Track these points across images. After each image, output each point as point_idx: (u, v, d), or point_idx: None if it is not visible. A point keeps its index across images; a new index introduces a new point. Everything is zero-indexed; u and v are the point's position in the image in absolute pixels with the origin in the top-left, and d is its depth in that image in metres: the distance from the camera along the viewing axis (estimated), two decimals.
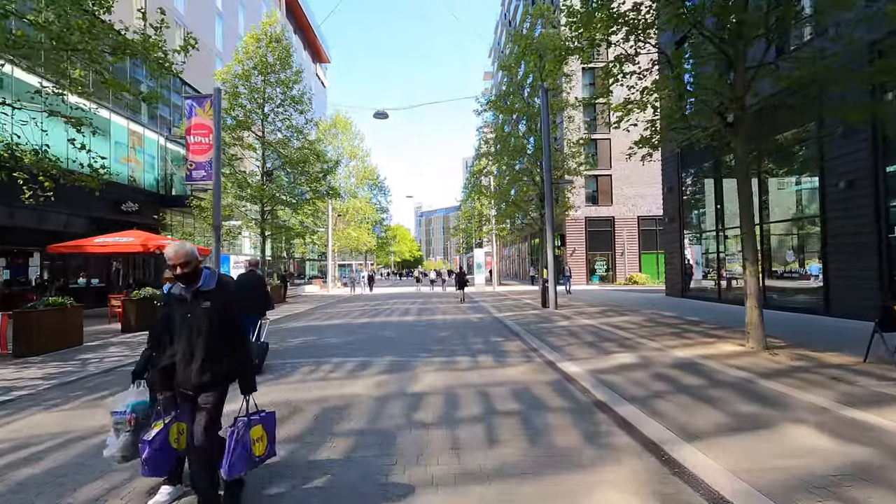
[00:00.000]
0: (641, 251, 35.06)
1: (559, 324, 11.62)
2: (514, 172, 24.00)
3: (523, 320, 12.53)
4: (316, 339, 9.70)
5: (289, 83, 22.03)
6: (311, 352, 8.39)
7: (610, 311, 14.42)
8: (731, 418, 4.29)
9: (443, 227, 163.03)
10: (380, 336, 10.18)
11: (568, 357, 7.34)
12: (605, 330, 10.23)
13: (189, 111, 15.35)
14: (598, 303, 17.48)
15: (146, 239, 14.85)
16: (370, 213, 41.40)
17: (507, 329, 11.35)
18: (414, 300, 22.68)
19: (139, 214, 20.77)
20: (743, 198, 7.86)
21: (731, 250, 15.99)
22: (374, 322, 13.29)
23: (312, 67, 54.23)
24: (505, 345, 8.98)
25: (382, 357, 7.67)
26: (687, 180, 18.50)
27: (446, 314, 15.40)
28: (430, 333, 10.66)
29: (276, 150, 22.37)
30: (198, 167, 15.29)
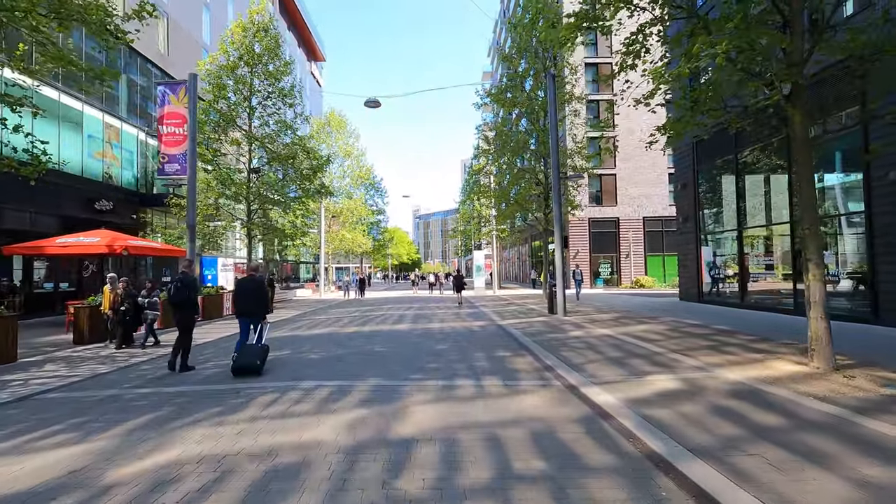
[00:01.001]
0: (647, 253, 33.74)
1: (572, 334, 10.24)
2: (514, 171, 22.67)
3: (530, 329, 11.14)
4: (291, 354, 8.30)
5: (277, 75, 20.66)
6: (280, 372, 6.98)
7: (624, 317, 13.05)
8: (861, 491, 2.91)
9: (441, 230, 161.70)
10: (367, 351, 8.77)
11: (593, 379, 5.96)
12: (627, 342, 8.85)
13: (161, 98, 13.96)
14: (609, 308, 16.11)
15: (112, 239, 13.43)
16: (365, 215, 40.00)
17: (513, 340, 9.96)
18: (409, 305, 21.26)
19: (115, 214, 19.36)
20: (804, 187, 6.49)
21: (755, 250, 14.65)
22: (364, 331, 11.88)
23: (307, 65, 52.93)
24: (513, 361, 7.59)
25: (366, 380, 6.27)
26: (703, 176, 17.17)
27: (444, 321, 14.00)
28: (426, 346, 9.26)
29: (262, 145, 20.98)
30: (171, 160, 13.90)
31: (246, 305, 7.30)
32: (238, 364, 6.71)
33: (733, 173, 15.37)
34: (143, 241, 14.49)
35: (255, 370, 6.72)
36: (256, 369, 6.74)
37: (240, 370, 6.69)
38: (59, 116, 17.25)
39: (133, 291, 9.88)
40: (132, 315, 9.77)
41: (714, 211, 16.87)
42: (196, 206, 14.14)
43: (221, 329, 12.87)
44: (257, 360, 6.79)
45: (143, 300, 9.95)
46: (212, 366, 7.64)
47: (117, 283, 9.76)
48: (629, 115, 34.50)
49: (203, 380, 6.57)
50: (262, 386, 5.97)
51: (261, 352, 6.93)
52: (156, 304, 10.19)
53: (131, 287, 9.90)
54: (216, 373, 7.08)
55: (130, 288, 9.84)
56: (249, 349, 6.88)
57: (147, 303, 9.98)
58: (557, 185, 14.19)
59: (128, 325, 9.75)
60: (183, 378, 6.71)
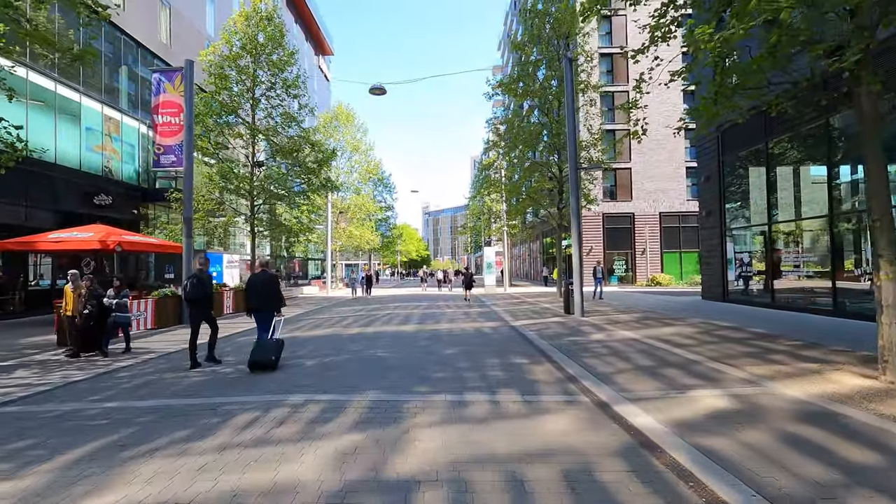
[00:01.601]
0: (664, 250, 32.65)
1: (593, 337, 9.38)
2: (525, 165, 21.74)
3: (547, 332, 10.29)
4: (285, 360, 7.53)
5: (281, 65, 19.93)
6: (269, 382, 6.21)
7: (647, 318, 12.15)
8: None
9: (450, 227, 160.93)
10: (368, 356, 7.97)
11: (626, 394, 5.11)
12: (656, 347, 7.97)
13: (156, 87, 13.29)
14: (628, 308, 15.19)
15: (106, 234, 12.79)
16: (374, 211, 39.28)
17: (529, 344, 9.11)
18: (417, 304, 20.48)
19: (115, 209, 18.79)
20: (873, 169, 5.57)
21: (787, 246, 13.62)
22: (367, 333, 11.11)
23: (315, 60, 52.27)
24: (531, 370, 6.76)
25: (364, 394, 5.47)
26: (728, 168, 16.14)
27: (454, 322, 13.19)
28: (434, 351, 8.46)
29: (266, 137, 20.30)
30: (167, 151, 13.25)
31: (258, 300, 7.38)
32: (253, 359, 6.86)
33: (762, 164, 14.34)
34: (138, 236, 13.86)
35: (269, 365, 6.85)
36: (271, 365, 6.88)
37: (255, 365, 6.84)
38: (56, 108, 16.67)
39: (99, 291, 8.55)
40: (96, 318, 8.26)
41: (740, 204, 15.85)
42: (193, 200, 13.50)
43: None
44: (272, 355, 6.92)
45: (109, 301, 8.50)
46: (197, 373, 6.90)
47: (80, 281, 8.46)
48: (646, 107, 33.34)
49: (183, 391, 5.83)
50: (244, 401, 5.19)
51: (275, 347, 7.06)
52: (125, 306, 8.84)
53: (97, 286, 8.59)
54: (200, 381, 6.33)
55: (96, 286, 8.54)
56: (265, 344, 7.02)
57: (115, 304, 8.56)
58: (575, 176, 13.28)
59: (91, 330, 8.25)
60: (160, 388, 5.98)
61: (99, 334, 8.42)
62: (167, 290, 12.76)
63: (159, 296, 12.28)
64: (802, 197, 13.19)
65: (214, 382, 6.24)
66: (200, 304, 7.38)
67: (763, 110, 9.12)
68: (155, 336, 10.83)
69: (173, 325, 12.75)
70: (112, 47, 19.86)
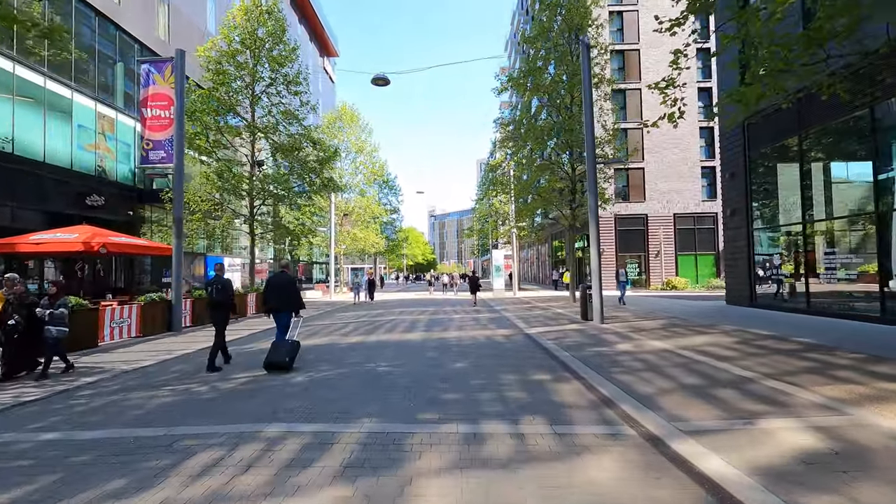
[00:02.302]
0: (678, 252, 31.47)
1: (619, 347, 8.37)
2: (535, 163, 20.76)
3: (566, 341, 9.28)
4: (271, 377, 6.60)
5: (281, 60, 19.13)
6: (246, 405, 5.27)
7: (674, 325, 11.11)
8: None
9: (457, 231, 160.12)
10: (367, 371, 7.01)
11: (679, 424, 4.12)
12: (696, 360, 6.95)
13: (145, 78, 12.47)
14: (649, 313, 14.15)
15: (92, 235, 11.93)
16: (379, 213, 38.38)
17: (549, 356, 8.12)
18: (424, 309, 19.50)
19: (108, 210, 18.02)
20: None
21: (824, 247, 12.53)
22: (368, 342, 10.16)
23: (320, 61, 51.68)
24: (557, 389, 5.78)
25: (357, 422, 4.50)
26: (756, 163, 15.08)
27: (463, 329, 12.21)
28: (442, 364, 7.49)
29: (266, 136, 19.50)
30: (156, 146, 12.40)
31: (277, 301, 7.53)
32: (268, 360, 6.96)
33: (795, 158, 13.30)
34: (125, 237, 13.02)
35: (283, 367, 6.93)
36: (285, 366, 6.95)
37: (270, 366, 6.93)
38: (46, 104, 15.93)
39: (32, 299, 7.14)
40: (23, 331, 6.84)
41: (770, 202, 14.77)
42: (188, 200, 12.65)
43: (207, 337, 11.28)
44: (286, 357, 7.00)
45: (42, 311, 6.93)
46: (168, 392, 5.97)
47: (16, 285, 7.01)
48: (657, 105, 32.26)
49: (144, 416, 4.91)
50: (211, 433, 4.25)
51: (291, 348, 7.15)
52: (62, 318, 7.08)
53: (27, 293, 7.22)
54: (169, 403, 5.41)
55: (27, 294, 7.13)
56: (280, 345, 7.13)
57: (49, 315, 6.91)
58: (593, 171, 12.29)
59: (16, 346, 6.85)
60: (117, 413, 5.06)
61: (25, 353, 7.04)
62: (154, 294, 11.87)
63: (145, 301, 11.40)
64: (841, 193, 12.14)
65: (185, 404, 5.32)
66: (222, 308, 7.57)
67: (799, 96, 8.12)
68: (137, 346, 9.94)
69: (161, 332, 11.87)
70: (108, 43, 19.16)
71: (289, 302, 7.52)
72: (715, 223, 31.73)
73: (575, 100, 19.53)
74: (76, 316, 9.22)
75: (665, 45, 31.99)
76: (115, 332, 10.47)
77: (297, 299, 7.60)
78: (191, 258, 24.70)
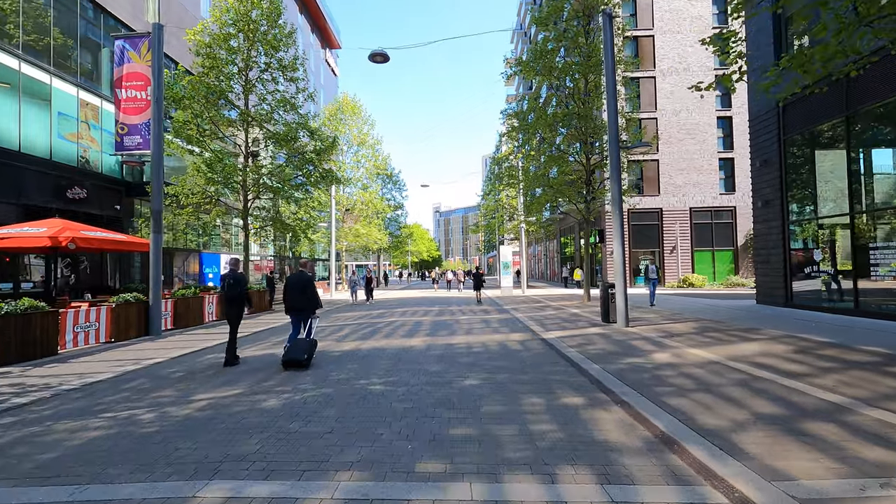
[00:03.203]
0: (694, 248, 30.06)
1: (656, 358, 7.10)
2: (545, 153, 19.44)
3: (591, 348, 8.02)
4: (238, 397, 5.39)
5: (275, 43, 17.90)
6: (190, 444, 4.05)
7: (710, 329, 9.81)
8: None
9: (462, 228, 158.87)
10: (356, 392, 5.74)
11: (786, 485, 2.87)
12: (758, 377, 5.68)
13: (119, 56, 11.28)
14: (676, 314, 12.84)
15: (62, 229, 10.77)
16: (382, 209, 37.09)
17: (574, 368, 6.87)
18: (428, 309, 18.25)
19: (92, 204, 16.92)
20: None
21: (880, 241, 11.17)
22: (363, 350, 8.93)
23: (322, 53, 50.41)
24: (596, 419, 4.53)
25: (334, 478, 3.26)
26: (792, 148, 13.71)
27: (471, 333, 10.96)
28: (449, 381, 6.24)
29: (260, 125, 18.32)
30: (131, 131, 11.22)
31: (296, 301, 7.62)
32: (287, 357, 7.14)
33: (840, 142, 11.95)
34: (99, 231, 11.85)
35: (302, 364, 7.10)
36: (304, 363, 7.12)
37: (289, 363, 7.11)
38: (20, 89, 14.79)
39: None
40: None
41: (809, 192, 13.42)
42: (162, 189, 11.47)
43: (185, 342, 10.10)
44: (304, 354, 7.16)
45: None
46: (104, 422, 4.76)
47: None
48: (673, 93, 30.88)
49: (49, 463, 3.72)
50: (125, 499, 3.03)
51: (308, 346, 7.33)
52: None
53: None
54: (91, 441, 4.20)
55: None
56: (298, 343, 7.30)
57: None
58: (616, 155, 10.98)
59: None
60: (20, 458, 3.86)
61: None
62: (129, 294, 10.70)
63: (117, 302, 10.23)
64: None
65: (115, 441, 4.11)
66: (238, 302, 7.64)
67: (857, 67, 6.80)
68: (103, 353, 8.77)
69: (137, 336, 10.71)
70: (92, 27, 18.00)
71: (306, 302, 7.55)
72: (733, 217, 30.30)
73: (589, 85, 18.25)
74: (29, 321, 8.08)
75: (683, 31, 30.54)
76: (81, 338, 9.31)
77: (314, 298, 7.63)
78: (184, 255, 23.62)
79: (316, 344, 7.57)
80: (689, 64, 30.34)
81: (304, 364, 7.09)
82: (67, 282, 17.21)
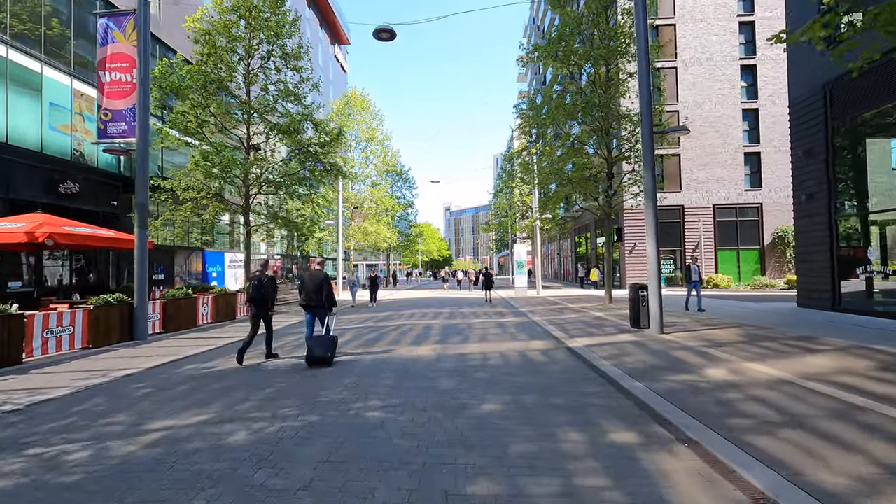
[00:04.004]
0: (718, 247, 28.60)
1: (711, 374, 5.92)
2: (563, 145, 18.23)
3: (628, 361, 6.86)
4: (202, 424, 4.34)
5: (277, 28, 16.94)
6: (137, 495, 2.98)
7: (759, 338, 8.57)
8: None
9: (472, 227, 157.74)
10: (348, 421, 4.58)
11: None
12: (856, 406, 4.48)
13: (103, 35, 10.35)
14: (713, 319, 11.60)
15: (40, 224, 9.87)
16: (391, 206, 36.06)
17: (612, 385, 5.73)
18: (438, 311, 17.13)
19: (86, 199, 16.13)
20: None
21: None
22: (364, 362, 7.84)
23: (331, 49, 49.59)
24: (663, 469, 3.40)
25: None
26: (841, 135, 12.38)
27: (486, 340, 9.83)
28: (464, 404, 5.12)
29: (261, 115, 17.37)
30: (115, 117, 10.28)
31: (312, 299, 7.61)
32: (311, 356, 7.22)
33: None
34: (83, 226, 10.94)
35: (326, 362, 7.22)
36: (328, 361, 7.24)
37: (313, 361, 7.21)
38: (7, 77, 13.98)
39: None
40: None
41: (859, 184, 12.10)
42: (148, 180, 10.51)
43: (171, 350, 9.11)
44: (328, 352, 7.30)
45: None
46: (21, 463, 3.73)
47: None
48: (696, 84, 29.43)
49: None
50: None
51: (331, 343, 7.44)
52: None
53: None
54: (17, 487, 3.16)
55: None
56: (321, 341, 7.36)
57: None
58: (649, 140, 9.78)
59: None
60: None
61: None
62: (111, 295, 9.75)
63: (95, 303, 9.28)
64: None
65: (17, 497, 3.06)
66: (263, 303, 7.70)
67: None
68: (73, 363, 7.80)
69: (120, 341, 9.76)
70: (87, 15, 17.17)
71: (323, 299, 7.59)
72: (759, 215, 28.79)
73: (610, 72, 17.04)
74: None
75: (706, 19, 29.08)
76: (52, 344, 8.36)
77: (330, 296, 7.65)
78: (187, 253, 22.82)
79: (337, 340, 7.66)
80: (713, 53, 28.89)
81: (329, 361, 7.25)
82: (62, 282, 16.44)
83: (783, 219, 27.93)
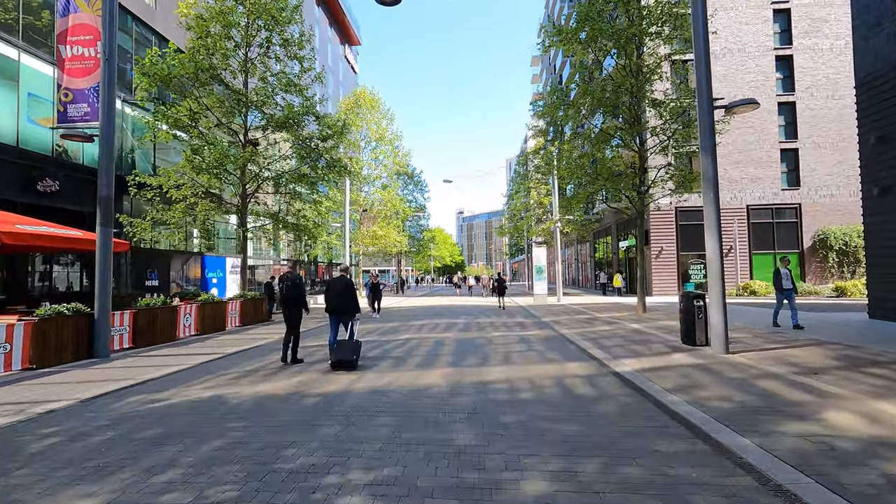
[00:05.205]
0: (753, 251, 26.46)
1: (835, 421, 4.15)
2: (594, 134, 16.46)
3: (705, 396, 5.09)
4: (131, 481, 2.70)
5: (275, 13, 15.55)
6: None
7: (861, 362, 6.71)
8: None
9: (485, 233, 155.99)
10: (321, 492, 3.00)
11: None
12: None
13: (64, 4, 8.91)
14: (777, 333, 9.70)
15: None
16: (401, 209, 34.49)
17: (708, 446, 3.98)
18: (451, 322, 15.34)
19: (70, 198, 14.85)
20: None
21: None
22: (354, 392, 6.17)
23: (341, 49, 48.44)
24: None
25: None
26: None
27: (511, 362, 8.07)
28: (494, 482, 3.38)
29: (259, 108, 15.97)
30: (77, 98, 8.88)
31: (337, 304, 7.75)
32: (336, 359, 7.38)
33: None
34: (44, 225, 9.49)
35: (351, 365, 7.40)
36: (352, 364, 7.42)
37: (338, 364, 7.39)
38: None
39: None
40: None
41: None
42: (113, 171, 9.02)
43: (135, 371, 7.55)
44: (353, 355, 7.46)
45: None
46: None
47: None
48: (727, 76, 27.46)
49: None
50: None
51: (355, 347, 7.57)
52: None
53: None
54: None
55: None
56: (345, 345, 7.50)
57: None
58: (710, 116, 8.08)
59: None
60: None
61: None
62: (65, 305, 8.23)
63: (43, 314, 7.75)
64: None
65: None
66: (295, 305, 7.99)
67: None
68: (6, 387, 6.25)
69: (76, 359, 8.24)
70: None
71: (348, 305, 7.73)
72: (798, 216, 26.60)
73: (643, 55, 15.37)
74: None
75: (738, 6, 27.17)
76: None
77: (354, 302, 7.78)
78: (184, 258, 21.44)
79: (360, 345, 7.75)
80: (745, 44, 26.93)
81: (353, 365, 7.37)
82: (43, 287, 15.14)
83: (824, 220, 25.73)
